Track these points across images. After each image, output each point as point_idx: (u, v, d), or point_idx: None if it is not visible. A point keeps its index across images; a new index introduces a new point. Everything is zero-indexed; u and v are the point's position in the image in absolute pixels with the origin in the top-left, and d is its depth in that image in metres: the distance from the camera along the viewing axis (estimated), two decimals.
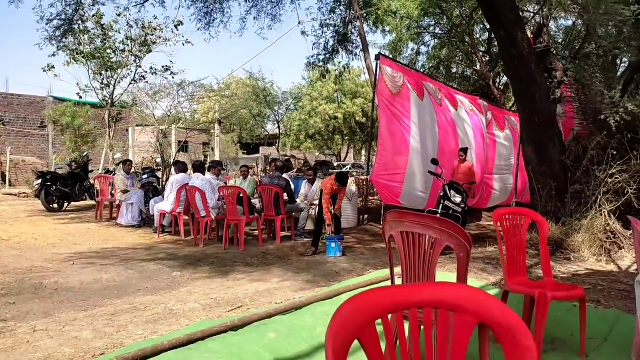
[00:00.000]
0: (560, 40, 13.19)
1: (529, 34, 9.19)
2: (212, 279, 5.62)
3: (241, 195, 7.82)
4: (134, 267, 6.07)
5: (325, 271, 6.17)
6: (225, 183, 10.09)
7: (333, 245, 7.12)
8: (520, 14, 9.40)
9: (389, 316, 1.24)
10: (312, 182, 9.01)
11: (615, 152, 7.17)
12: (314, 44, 15.63)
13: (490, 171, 11.70)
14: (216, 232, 8.45)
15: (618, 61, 11.27)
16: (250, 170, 11.71)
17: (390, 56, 13.77)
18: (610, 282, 5.35)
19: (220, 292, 5.02)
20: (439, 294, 1.25)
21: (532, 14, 10.66)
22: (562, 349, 3.45)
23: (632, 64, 10.14)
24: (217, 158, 24.46)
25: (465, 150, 9.37)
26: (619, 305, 4.50)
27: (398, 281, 3.23)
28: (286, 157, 25.52)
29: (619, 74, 11.49)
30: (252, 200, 8.84)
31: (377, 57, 9.20)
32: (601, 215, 6.96)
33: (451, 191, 7.86)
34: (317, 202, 8.13)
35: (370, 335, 1.14)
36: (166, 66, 14.92)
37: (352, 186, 10.70)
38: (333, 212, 7.35)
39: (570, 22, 14.04)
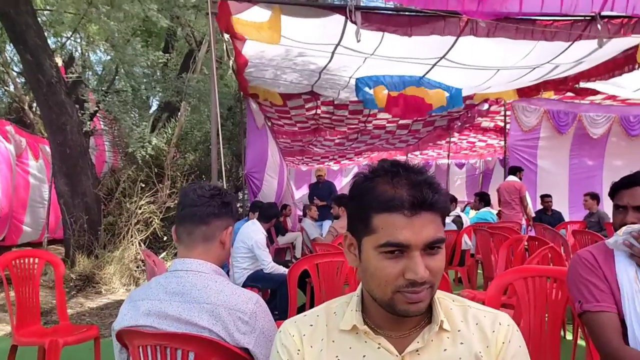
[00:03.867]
0: (97, 74, 13.38)
1: (60, 62, 8.90)
2: None
3: None
4: None
5: None
6: None
7: None
8: (51, 41, 9.03)
9: None
10: None
11: (144, 185, 7.67)
12: None
13: (23, 205, 10.63)
14: None
15: (152, 100, 12.29)
16: None
17: None
18: None
19: None
20: None
21: (65, 40, 10.37)
22: None
23: (160, 104, 11.28)
24: None
25: None
26: None
27: None
28: None
29: (151, 111, 12.59)
30: None
31: None
32: (132, 245, 7.27)
33: None
34: None
35: None
36: None
37: None
38: None
39: (108, 57, 14.49)
